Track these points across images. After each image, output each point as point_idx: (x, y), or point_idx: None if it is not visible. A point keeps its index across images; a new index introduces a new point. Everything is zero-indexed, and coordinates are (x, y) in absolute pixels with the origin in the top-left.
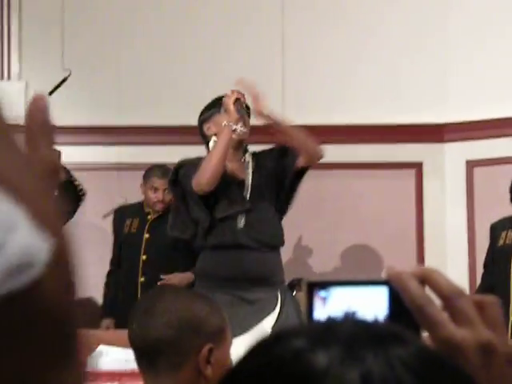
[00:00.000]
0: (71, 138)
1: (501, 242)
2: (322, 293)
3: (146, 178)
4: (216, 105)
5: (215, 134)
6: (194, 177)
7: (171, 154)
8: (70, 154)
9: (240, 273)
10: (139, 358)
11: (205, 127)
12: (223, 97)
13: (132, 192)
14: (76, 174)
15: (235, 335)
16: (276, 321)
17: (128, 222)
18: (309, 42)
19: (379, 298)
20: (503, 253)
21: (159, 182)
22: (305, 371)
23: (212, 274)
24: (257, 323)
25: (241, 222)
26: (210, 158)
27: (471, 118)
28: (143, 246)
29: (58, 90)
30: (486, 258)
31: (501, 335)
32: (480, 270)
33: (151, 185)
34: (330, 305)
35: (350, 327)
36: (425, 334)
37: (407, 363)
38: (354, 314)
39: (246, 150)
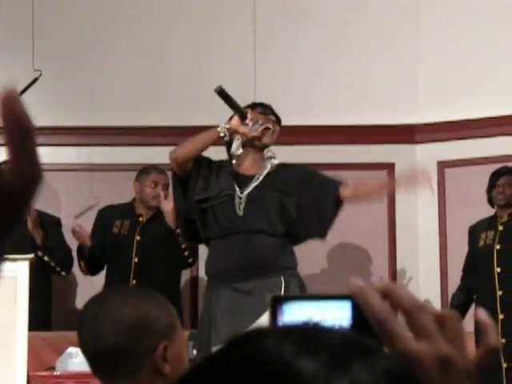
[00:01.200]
0: (43, 138)
1: (481, 242)
2: (285, 307)
3: (143, 175)
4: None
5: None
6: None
7: (144, 155)
8: (42, 155)
9: (237, 263)
10: (94, 366)
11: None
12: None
13: (104, 193)
14: (48, 175)
15: (243, 329)
16: None
17: (118, 223)
18: (280, 44)
19: (342, 313)
20: (485, 252)
21: (160, 178)
22: (292, 378)
23: (212, 269)
24: (261, 313)
25: (240, 209)
26: (191, 141)
27: (442, 119)
28: (134, 248)
29: (29, 90)
30: (465, 261)
31: (460, 349)
32: (452, 269)
33: (151, 180)
34: (293, 319)
35: (335, 336)
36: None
37: (391, 376)
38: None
39: (268, 157)
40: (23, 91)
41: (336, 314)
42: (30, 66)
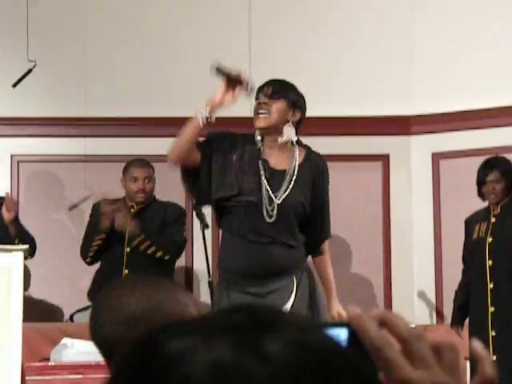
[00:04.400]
0: (37, 129)
1: (475, 235)
2: None
3: (124, 171)
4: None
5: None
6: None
7: (138, 146)
8: (36, 146)
9: (261, 267)
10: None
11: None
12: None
13: (98, 184)
14: (42, 166)
15: None
16: (292, 305)
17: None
18: (275, 34)
19: (339, 339)
20: (477, 246)
21: (139, 172)
22: (159, 357)
23: (227, 265)
24: None
25: (270, 216)
26: (177, 139)
27: (437, 111)
28: (127, 239)
29: (23, 81)
30: (463, 253)
31: (456, 378)
32: (446, 261)
33: (131, 175)
34: None
35: (225, 317)
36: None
37: (262, 350)
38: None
39: (292, 142)
40: (17, 82)
41: None
42: (25, 57)
